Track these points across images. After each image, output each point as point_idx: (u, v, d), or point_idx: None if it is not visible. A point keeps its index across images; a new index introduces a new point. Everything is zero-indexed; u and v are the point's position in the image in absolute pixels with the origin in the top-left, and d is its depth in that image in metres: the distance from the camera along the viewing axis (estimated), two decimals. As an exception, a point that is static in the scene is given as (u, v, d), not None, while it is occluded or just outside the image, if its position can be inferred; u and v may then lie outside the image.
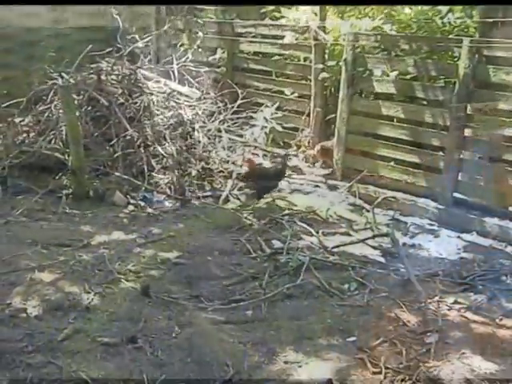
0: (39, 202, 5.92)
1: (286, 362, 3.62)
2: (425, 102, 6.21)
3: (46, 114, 6.63)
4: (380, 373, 3.52)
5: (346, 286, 4.58)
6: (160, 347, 3.67)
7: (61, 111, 6.34)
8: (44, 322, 3.93)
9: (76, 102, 6.41)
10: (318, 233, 5.39)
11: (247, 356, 3.63)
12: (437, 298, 4.39)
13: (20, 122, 6.79)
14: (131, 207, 5.97)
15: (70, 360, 3.53)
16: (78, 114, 6.23)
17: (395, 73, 6.14)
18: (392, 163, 6.38)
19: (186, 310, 4.13)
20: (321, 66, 6.91)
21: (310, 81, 7.14)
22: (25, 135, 6.67)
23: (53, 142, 6.38)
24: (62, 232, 5.30)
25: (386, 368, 3.55)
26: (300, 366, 3.58)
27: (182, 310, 4.12)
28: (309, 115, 7.20)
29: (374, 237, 5.35)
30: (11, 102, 6.89)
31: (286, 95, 7.62)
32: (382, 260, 5.06)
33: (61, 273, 4.50)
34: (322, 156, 6.92)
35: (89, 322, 3.92)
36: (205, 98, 7.74)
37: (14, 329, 3.83)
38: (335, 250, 5.13)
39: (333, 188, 6.61)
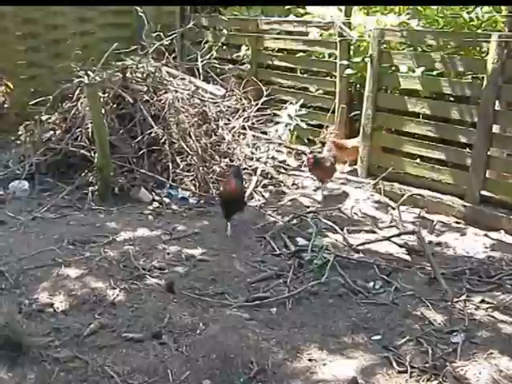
0: (66, 198, 5.99)
1: (310, 360, 3.60)
2: (452, 99, 6.13)
3: (73, 112, 6.67)
4: (405, 372, 3.49)
5: (371, 283, 4.55)
6: (184, 343, 3.68)
7: (87, 109, 6.39)
8: (70, 316, 3.97)
9: (102, 99, 6.45)
10: (342, 230, 5.35)
11: (271, 353, 3.62)
12: (463, 297, 4.34)
13: (47, 119, 6.86)
14: (156, 204, 6.00)
15: (95, 355, 3.57)
16: (103, 111, 6.27)
17: (421, 69, 6.07)
18: (418, 160, 6.32)
19: (211, 306, 4.15)
20: (346, 62, 6.86)
21: (335, 77, 7.09)
22: (51, 133, 6.74)
23: (79, 139, 6.42)
24: (87, 228, 5.35)
25: (412, 367, 3.52)
26: (324, 364, 3.56)
27: (206, 306, 4.14)
28: (333, 112, 7.16)
29: (399, 234, 5.29)
30: (38, 99, 6.97)
31: (310, 92, 7.59)
32: (408, 258, 5.01)
33: (87, 268, 4.54)
34: (314, 170, 6.35)
35: (114, 318, 3.94)
36: (229, 96, 7.74)
37: (41, 323, 3.88)
38: (360, 247, 5.09)
39: (358, 185, 6.56)
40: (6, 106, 7.67)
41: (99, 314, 3.98)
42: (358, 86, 7.05)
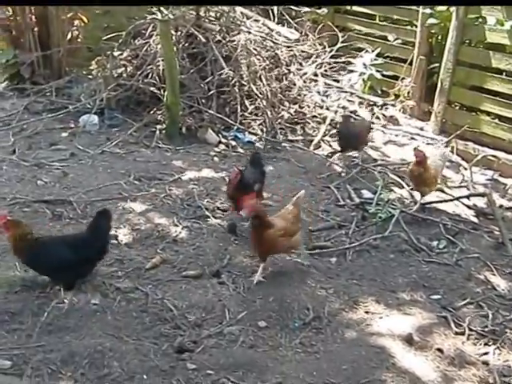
0: (133, 135, 6.05)
1: (366, 312, 3.60)
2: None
3: (144, 49, 6.67)
4: (463, 334, 3.44)
5: (435, 243, 4.45)
6: (243, 284, 3.73)
7: (159, 46, 6.37)
8: (133, 249, 4.08)
9: (174, 37, 6.41)
10: (410, 186, 5.21)
11: (328, 302, 3.62)
12: (531, 266, 4.18)
13: (119, 55, 6.89)
14: (222, 146, 6.00)
15: (155, 288, 3.66)
16: (175, 49, 6.24)
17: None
18: (496, 120, 6.03)
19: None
20: (429, 10, 6.52)
21: (416, 27, 6.77)
22: (123, 69, 6.77)
23: (149, 76, 6.44)
24: (154, 165, 5.42)
25: (470, 330, 3.47)
26: (381, 318, 3.55)
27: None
28: (411, 63, 6.87)
29: (469, 196, 5.12)
30: (111, 35, 6.99)
31: (388, 41, 7.29)
32: (476, 220, 4.84)
33: (151, 205, 4.64)
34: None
35: (176, 254, 4.03)
36: (303, 40, 7.55)
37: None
38: (427, 205, 4.94)
39: (430, 142, 6.34)
40: (79, 40, 7.74)
41: (161, 250, 4.07)
42: (439, 37, 6.70)
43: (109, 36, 7.01)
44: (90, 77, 7.17)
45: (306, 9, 7.91)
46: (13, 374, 2.94)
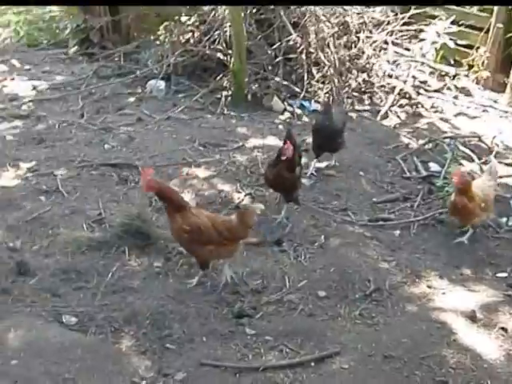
0: (199, 101, 6.07)
1: (429, 287, 3.53)
2: None
3: (212, 14, 6.63)
4: (529, 314, 3.32)
5: (505, 219, 4.29)
6: (304, 253, 3.73)
7: (226, 12, 6.33)
8: (198, 214, 4.11)
9: (242, 3, 6.36)
10: (480, 160, 5.02)
11: (390, 275, 3.58)
12: None
13: (186, 20, 6.89)
14: (287, 114, 5.94)
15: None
16: (242, 15, 6.17)
17: None
18: None
19: (334, 221, 4.12)
20: (510, -25, 6.17)
21: (495, -8, 6.44)
22: (190, 34, 6.77)
23: (216, 42, 6.41)
24: (218, 132, 5.44)
25: (537, 310, 3.34)
26: (443, 293, 3.47)
27: (328, 220, 4.12)
28: (487, 32, 6.54)
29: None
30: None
31: (464, 8, 6.96)
32: (548, 198, 4.63)
33: (215, 171, 4.66)
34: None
35: (238, 221, 4.03)
36: (374, 6, 7.30)
37: (170, 218, 4.06)
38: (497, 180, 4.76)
39: (503, 114, 6.07)
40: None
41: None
42: (520, 3, 6.35)
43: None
44: (158, 42, 7.21)
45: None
46: (78, 331, 3.06)
